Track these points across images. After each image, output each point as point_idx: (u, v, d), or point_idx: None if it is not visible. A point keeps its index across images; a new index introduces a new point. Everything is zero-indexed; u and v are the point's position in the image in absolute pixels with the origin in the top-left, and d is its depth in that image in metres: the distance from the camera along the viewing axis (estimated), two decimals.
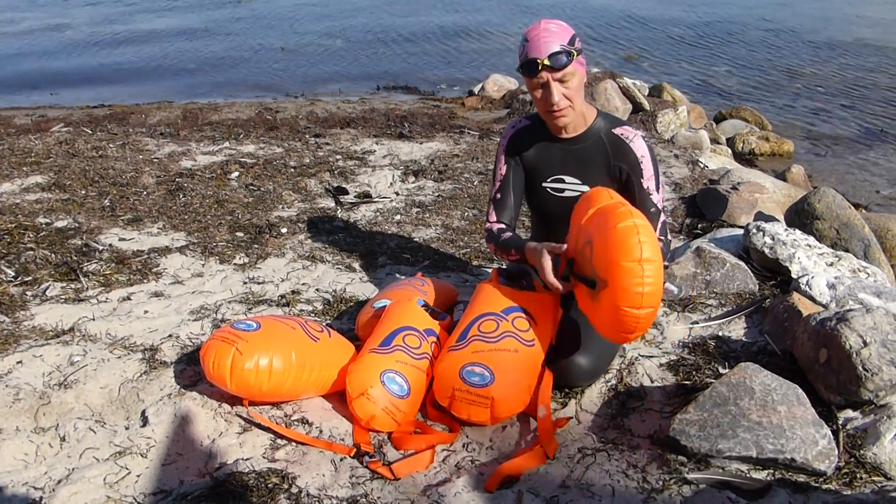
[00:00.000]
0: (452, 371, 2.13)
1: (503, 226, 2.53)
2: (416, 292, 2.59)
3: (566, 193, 2.43)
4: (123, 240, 3.60)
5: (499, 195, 2.55)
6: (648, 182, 2.33)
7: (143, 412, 2.20)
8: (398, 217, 4.03)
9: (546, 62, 2.15)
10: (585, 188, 2.38)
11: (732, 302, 2.83)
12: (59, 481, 1.92)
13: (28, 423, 2.17)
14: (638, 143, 2.33)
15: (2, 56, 10.86)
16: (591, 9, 13.82)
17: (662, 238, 2.36)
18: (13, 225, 3.66)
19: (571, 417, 2.21)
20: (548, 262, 2.22)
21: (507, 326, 2.22)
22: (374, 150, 5.31)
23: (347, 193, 4.40)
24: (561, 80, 2.19)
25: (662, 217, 2.38)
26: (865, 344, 2.09)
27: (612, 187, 2.37)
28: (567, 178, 2.41)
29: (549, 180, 2.44)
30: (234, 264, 3.34)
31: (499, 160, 2.53)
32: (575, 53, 2.18)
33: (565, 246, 2.24)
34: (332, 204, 4.24)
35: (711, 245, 3.12)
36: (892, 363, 2.07)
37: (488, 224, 2.56)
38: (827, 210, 3.43)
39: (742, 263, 2.98)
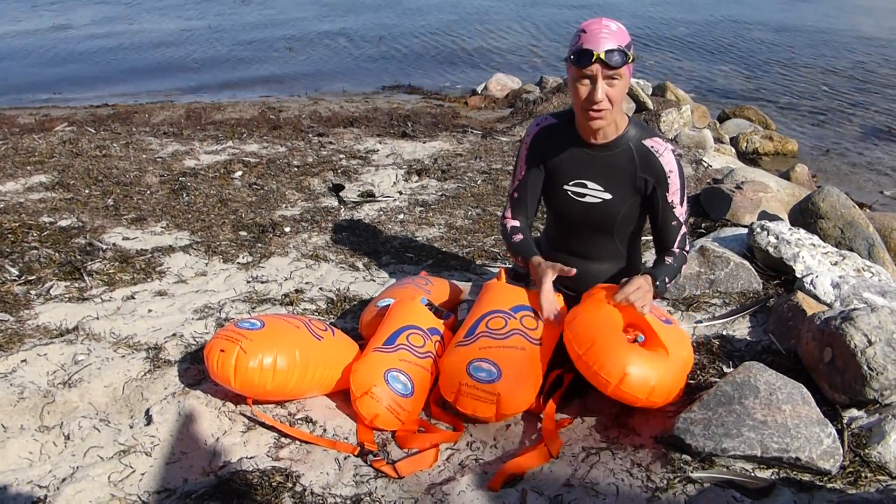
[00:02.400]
0: (459, 366, 2.13)
1: (517, 224, 2.54)
2: (420, 291, 2.59)
3: (587, 199, 2.40)
4: (127, 239, 3.61)
5: (516, 194, 2.55)
6: (673, 196, 2.33)
7: (147, 411, 2.20)
8: (401, 216, 4.03)
9: (601, 56, 2.09)
10: (607, 196, 2.37)
11: (736, 301, 2.82)
12: (64, 479, 1.92)
13: (32, 421, 2.17)
14: (667, 156, 2.31)
15: (5, 55, 10.88)
16: (594, 7, 13.82)
17: (679, 249, 2.38)
18: (17, 224, 3.66)
19: (576, 418, 2.20)
20: (548, 283, 2.31)
21: (516, 324, 2.22)
22: (378, 150, 5.32)
23: (344, 188, 4.40)
24: (609, 79, 2.15)
25: (683, 230, 2.39)
26: (870, 343, 2.09)
27: (635, 198, 2.37)
28: (590, 184, 2.39)
29: (571, 183, 2.41)
30: (238, 263, 3.34)
31: (520, 157, 2.51)
32: (630, 58, 2.15)
33: (574, 271, 2.31)
34: (335, 203, 4.24)
35: (715, 244, 3.12)
36: None
37: (504, 219, 2.58)
38: (831, 209, 3.42)
39: (746, 262, 2.97)
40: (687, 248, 2.43)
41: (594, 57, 2.10)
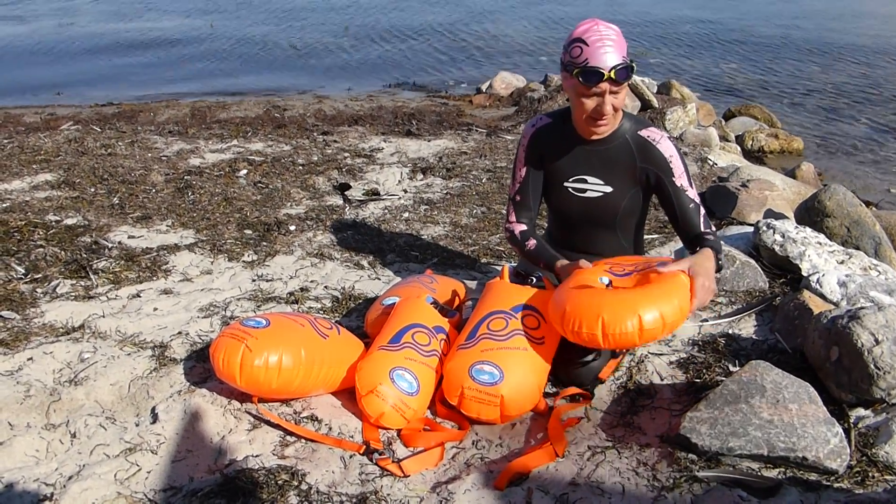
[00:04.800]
0: (461, 370, 2.13)
1: (524, 227, 2.54)
2: (425, 289, 2.59)
3: (588, 193, 2.41)
4: (133, 237, 3.61)
5: (518, 197, 2.54)
6: (681, 180, 2.32)
7: (153, 409, 2.20)
8: (406, 214, 4.03)
9: (612, 76, 2.10)
10: (608, 189, 2.38)
11: (742, 300, 2.82)
12: (70, 477, 1.92)
13: (39, 419, 2.18)
14: (665, 144, 2.31)
15: (11, 54, 10.91)
16: (598, 5, 13.79)
17: (709, 230, 2.34)
18: (23, 222, 3.67)
19: (583, 418, 2.20)
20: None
21: (517, 324, 2.21)
22: (382, 148, 5.32)
23: (350, 188, 4.40)
24: (614, 92, 2.17)
25: (703, 211, 2.35)
26: (877, 342, 2.08)
27: (636, 190, 2.37)
28: (590, 179, 2.39)
29: (571, 180, 2.42)
30: (243, 262, 3.35)
31: (518, 160, 2.52)
32: (633, 67, 2.15)
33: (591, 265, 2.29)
34: (340, 201, 4.24)
35: (721, 242, 3.10)
36: None
37: (509, 224, 2.57)
38: (837, 207, 3.41)
39: (752, 261, 2.96)
40: (713, 228, 2.36)
41: (604, 77, 2.11)
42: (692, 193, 2.33)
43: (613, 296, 2.04)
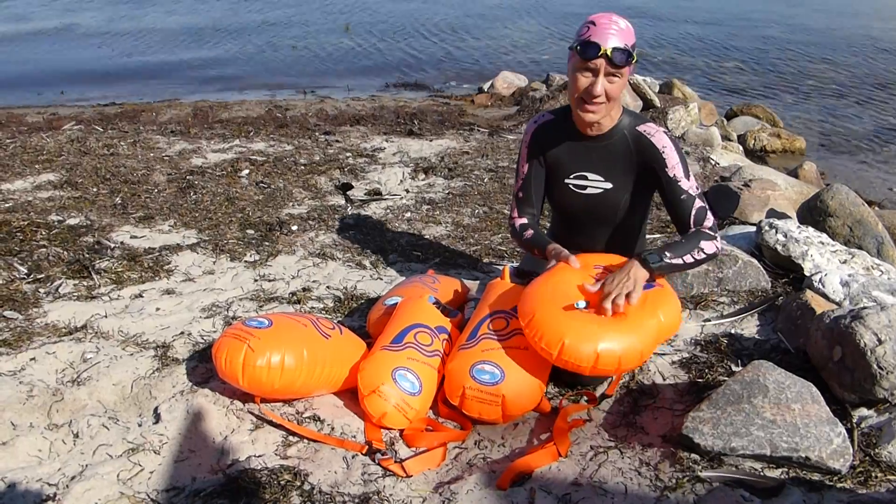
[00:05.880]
0: (463, 370, 2.13)
1: (525, 221, 2.55)
2: (427, 289, 2.59)
3: (588, 190, 2.42)
4: (135, 237, 3.62)
5: (521, 193, 2.55)
6: (674, 170, 2.30)
7: (156, 409, 2.21)
8: (408, 214, 4.03)
9: (608, 52, 2.12)
10: (608, 185, 2.38)
11: (745, 299, 2.81)
12: (73, 477, 1.93)
13: (42, 419, 2.18)
14: (659, 136, 2.32)
15: (14, 54, 10.92)
16: (600, 4, 13.79)
17: (703, 225, 2.31)
18: (26, 222, 3.68)
19: (588, 420, 2.19)
20: (573, 259, 2.28)
21: (518, 324, 2.21)
22: (384, 148, 5.32)
23: (352, 188, 4.41)
24: (610, 76, 2.18)
25: (698, 203, 2.31)
26: (880, 342, 2.08)
27: (637, 186, 2.37)
28: (590, 175, 2.40)
29: (571, 177, 2.43)
30: (245, 262, 3.35)
31: (521, 156, 2.53)
32: (634, 58, 2.17)
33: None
34: (342, 201, 4.24)
35: (723, 242, 3.10)
36: None
37: (511, 220, 2.59)
38: (840, 207, 3.40)
39: (754, 261, 2.96)
40: (707, 223, 2.32)
41: (601, 51, 2.12)
42: (686, 184, 2.31)
43: (581, 324, 2.05)
